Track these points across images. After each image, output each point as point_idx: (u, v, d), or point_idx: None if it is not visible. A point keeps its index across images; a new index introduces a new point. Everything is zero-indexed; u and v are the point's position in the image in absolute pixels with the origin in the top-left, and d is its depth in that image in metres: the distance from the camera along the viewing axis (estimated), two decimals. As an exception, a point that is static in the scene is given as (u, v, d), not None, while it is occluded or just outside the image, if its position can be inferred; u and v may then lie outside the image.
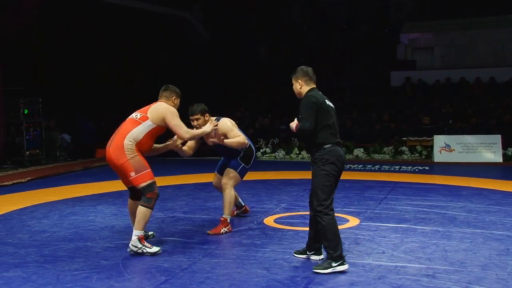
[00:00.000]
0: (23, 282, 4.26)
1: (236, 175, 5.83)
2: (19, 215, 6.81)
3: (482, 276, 4.22)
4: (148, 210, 4.87)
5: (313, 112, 4.39)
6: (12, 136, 12.00)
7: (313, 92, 4.57)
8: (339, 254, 4.33)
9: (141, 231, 4.88)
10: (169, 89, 5.33)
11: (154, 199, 4.92)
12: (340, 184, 8.86)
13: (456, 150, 12.12)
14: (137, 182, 4.89)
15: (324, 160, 4.39)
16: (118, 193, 8.36)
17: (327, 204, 4.36)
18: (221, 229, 5.69)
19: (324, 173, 4.37)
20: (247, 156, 5.90)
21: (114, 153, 4.93)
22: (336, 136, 4.51)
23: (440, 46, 18.52)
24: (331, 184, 4.41)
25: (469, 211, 6.64)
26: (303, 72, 4.63)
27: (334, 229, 4.35)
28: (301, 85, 4.61)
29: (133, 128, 4.97)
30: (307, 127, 4.36)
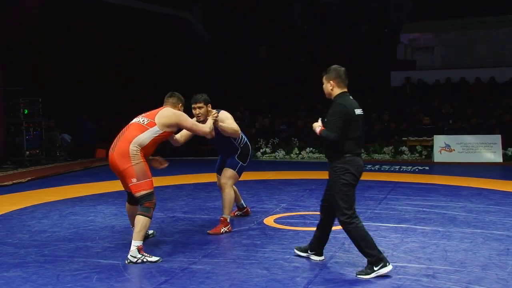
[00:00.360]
0: (23, 282, 4.26)
1: (235, 174, 5.80)
2: (19, 215, 6.81)
3: (482, 276, 4.22)
4: (147, 219, 4.77)
5: (341, 123, 4.26)
6: (12, 136, 12.00)
7: (345, 99, 4.41)
8: (377, 257, 4.21)
9: (141, 242, 4.75)
10: (176, 96, 5.31)
11: (152, 209, 4.84)
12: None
13: (456, 150, 12.12)
14: (136, 190, 4.80)
15: (344, 169, 4.29)
16: (118, 193, 8.36)
17: (350, 213, 4.27)
18: (221, 229, 5.69)
19: (344, 182, 4.28)
20: (244, 154, 5.86)
21: (118, 158, 4.85)
22: (360, 146, 4.41)
23: (440, 46, 18.52)
24: (352, 194, 4.31)
25: (469, 211, 6.64)
26: (336, 73, 4.47)
27: (362, 235, 4.25)
28: (333, 86, 4.47)
29: (140, 134, 4.90)
30: (332, 138, 4.25)
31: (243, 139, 5.90)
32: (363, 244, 4.25)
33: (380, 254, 4.24)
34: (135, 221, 4.80)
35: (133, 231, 4.79)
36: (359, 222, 4.31)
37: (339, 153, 4.32)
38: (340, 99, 4.41)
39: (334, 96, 4.48)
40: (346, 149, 4.31)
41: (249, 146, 5.95)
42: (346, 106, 4.34)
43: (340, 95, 4.45)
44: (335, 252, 4.92)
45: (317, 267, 4.51)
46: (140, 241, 4.74)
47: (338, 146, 4.30)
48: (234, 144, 5.82)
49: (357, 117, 4.37)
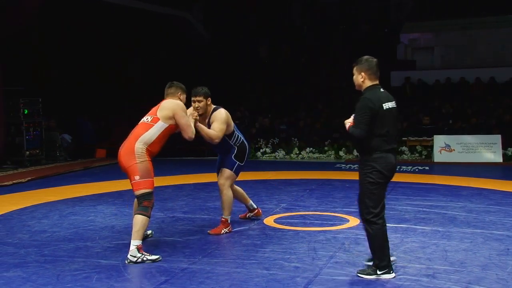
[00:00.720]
0: (23, 282, 4.26)
1: (232, 175, 5.74)
2: (19, 215, 6.81)
3: (482, 276, 4.22)
4: (146, 218, 4.78)
5: (367, 118, 4.10)
6: (12, 136, 11.99)
7: (373, 92, 4.22)
8: (385, 264, 4.18)
9: (140, 241, 4.76)
10: (173, 85, 5.31)
11: (150, 208, 4.84)
12: (340, 184, 8.97)
13: (456, 150, 12.12)
14: (137, 187, 4.82)
15: (371, 167, 4.15)
16: (118, 193, 8.37)
17: (376, 212, 4.15)
18: (222, 230, 5.68)
19: (371, 180, 4.14)
20: (241, 154, 5.77)
21: (125, 156, 4.91)
22: (390, 143, 4.20)
23: (440, 46, 18.53)
24: (379, 192, 4.18)
25: (469, 211, 6.64)
26: (368, 64, 4.29)
27: (381, 239, 4.18)
28: (364, 78, 4.27)
29: (145, 132, 4.97)
30: (357, 134, 4.13)
31: (238, 138, 5.81)
32: (378, 248, 4.18)
33: (389, 262, 4.21)
34: (134, 221, 4.80)
35: (132, 230, 4.79)
36: (384, 224, 4.20)
37: (367, 150, 4.17)
38: (368, 93, 4.22)
39: (363, 88, 4.28)
40: (374, 146, 4.15)
41: (245, 145, 5.85)
42: (373, 101, 4.14)
43: (369, 88, 4.25)
44: (335, 252, 4.92)
45: (317, 267, 4.51)
46: (139, 240, 4.74)
47: (366, 143, 4.16)
48: (229, 143, 5.74)
49: (386, 111, 4.17)
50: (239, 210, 6.84)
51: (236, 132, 5.82)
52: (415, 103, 15.55)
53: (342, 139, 13.53)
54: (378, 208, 4.17)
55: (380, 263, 4.19)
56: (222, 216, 5.76)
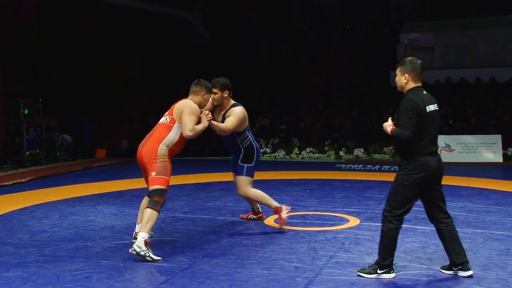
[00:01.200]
0: (23, 282, 4.26)
1: (246, 179, 5.73)
2: (19, 215, 6.81)
3: (482, 276, 4.23)
4: (155, 213, 4.86)
5: (414, 120, 4.01)
6: (12, 136, 11.99)
7: (416, 94, 4.14)
8: (387, 263, 4.18)
9: (148, 234, 4.82)
10: (199, 83, 5.29)
11: (161, 204, 4.92)
12: (340, 184, 8.97)
13: (456, 150, 12.12)
14: (153, 183, 4.92)
15: (408, 170, 4.08)
16: (118, 193, 8.37)
17: (396, 213, 4.13)
18: (283, 215, 5.70)
19: (404, 183, 4.09)
20: (247, 156, 5.77)
21: (146, 155, 4.99)
22: (431, 145, 4.11)
23: (440, 46, 18.52)
24: (408, 197, 4.11)
25: (469, 211, 6.64)
26: (412, 66, 4.19)
27: (391, 239, 4.17)
28: (408, 80, 4.19)
29: (168, 133, 5.04)
30: (405, 136, 4.01)
31: (247, 139, 5.78)
32: (386, 245, 4.18)
33: (391, 263, 4.21)
34: (144, 214, 4.91)
35: (142, 222, 4.89)
36: (399, 226, 4.18)
37: (409, 153, 4.09)
38: (411, 95, 4.14)
39: (406, 90, 4.21)
40: (414, 149, 4.05)
41: (253, 147, 5.80)
42: (417, 102, 4.06)
43: (412, 90, 4.17)
44: (335, 252, 4.92)
45: (317, 267, 4.51)
46: (147, 234, 4.81)
47: (408, 146, 4.07)
48: (237, 142, 5.73)
49: (429, 114, 4.09)
50: (239, 210, 6.85)
51: (247, 133, 5.78)
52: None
53: (342, 139, 13.53)
54: (400, 210, 4.15)
55: (382, 262, 4.19)
56: (271, 209, 5.78)
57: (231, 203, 7.38)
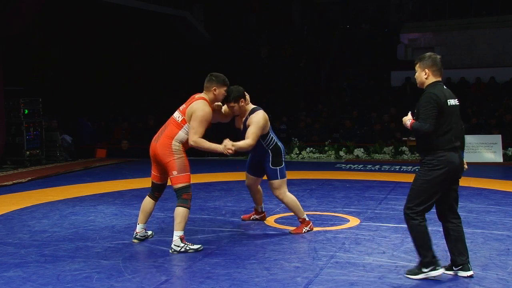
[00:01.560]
0: (23, 282, 4.26)
1: (281, 181, 5.62)
2: (19, 215, 6.81)
3: (482, 276, 4.23)
4: (187, 210, 5.01)
5: (434, 112, 3.95)
6: (12, 136, 12.00)
7: (436, 88, 4.07)
8: (428, 260, 4.09)
9: (182, 232, 4.99)
10: (209, 79, 5.26)
11: (190, 200, 5.06)
12: (340, 184, 8.96)
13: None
14: (176, 182, 5.04)
15: (431, 165, 4.02)
16: (119, 193, 8.37)
17: (417, 210, 4.08)
18: (303, 229, 5.64)
19: (426, 178, 4.04)
20: (277, 157, 5.62)
21: (162, 151, 5.07)
22: (453, 140, 4.04)
23: (440, 46, 18.52)
24: (430, 193, 4.06)
25: (469, 211, 6.63)
26: (432, 60, 4.12)
27: (421, 235, 4.09)
28: (428, 75, 4.12)
29: (178, 131, 5.10)
30: (426, 129, 3.96)
31: (272, 141, 5.66)
32: (419, 243, 4.10)
33: (433, 258, 4.11)
34: (175, 213, 5.00)
35: (174, 223, 4.99)
36: (423, 221, 4.11)
37: (430, 148, 4.03)
38: (432, 89, 4.08)
39: (426, 85, 4.15)
40: (436, 144, 4.00)
41: (279, 147, 5.69)
42: (438, 95, 4.01)
43: (432, 85, 4.12)
44: (336, 252, 4.92)
45: (318, 267, 4.51)
46: (182, 231, 4.97)
47: (429, 141, 4.02)
48: (262, 145, 5.61)
49: (450, 108, 4.04)
50: (239, 210, 6.85)
51: (271, 133, 5.68)
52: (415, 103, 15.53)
53: (342, 139, 13.53)
54: (422, 207, 4.09)
55: (423, 260, 4.10)
56: (298, 218, 5.71)
57: (231, 203, 7.38)
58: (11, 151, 12.00)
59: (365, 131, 13.94)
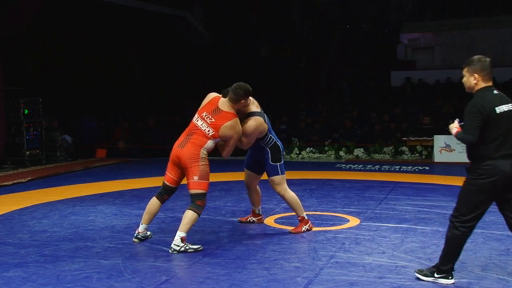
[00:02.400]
0: (23, 282, 4.26)
1: (282, 177, 5.65)
2: (19, 215, 6.81)
3: (482, 276, 4.23)
4: (197, 216, 5.09)
5: (477, 123, 3.80)
6: (12, 136, 12.00)
7: (484, 95, 3.91)
8: (446, 269, 4.02)
9: (185, 233, 5.03)
10: (236, 92, 5.29)
11: (202, 208, 5.16)
12: (340, 184, 8.96)
13: (457, 150, 12.09)
14: (194, 187, 5.13)
15: (476, 174, 3.88)
16: (119, 193, 8.37)
17: (464, 219, 3.94)
18: (302, 228, 5.65)
19: (470, 187, 3.91)
20: (275, 155, 5.65)
21: (189, 157, 5.14)
22: (503, 148, 3.85)
23: (440, 46, 18.54)
24: (475, 202, 3.89)
25: (469, 211, 6.63)
26: (481, 65, 3.96)
27: (455, 246, 3.98)
28: (477, 80, 3.95)
29: (207, 141, 5.18)
30: (468, 140, 3.86)
31: (270, 140, 5.67)
32: (448, 251, 4.01)
33: (451, 269, 4.04)
34: (184, 215, 5.08)
35: (181, 223, 5.06)
36: (466, 232, 3.98)
37: (477, 157, 3.90)
38: (478, 96, 3.91)
39: (475, 90, 3.97)
40: (484, 154, 3.86)
41: (279, 146, 5.71)
42: (483, 104, 3.83)
43: (481, 90, 3.93)
44: (335, 252, 4.92)
45: (317, 267, 4.51)
46: (185, 233, 5.02)
47: (476, 150, 3.90)
48: (260, 144, 5.65)
49: (498, 116, 3.85)
50: (239, 210, 6.85)
51: (270, 134, 5.69)
52: (415, 103, 15.56)
53: (342, 139, 13.53)
54: (467, 216, 3.94)
55: (441, 266, 4.05)
56: (297, 217, 5.72)
57: (230, 203, 7.38)
58: (11, 151, 12.00)
59: (365, 131, 13.94)
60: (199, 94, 16.67)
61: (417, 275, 4.15)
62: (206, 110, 5.26)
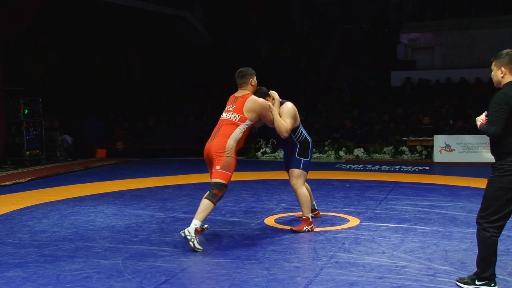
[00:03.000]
0: (23, 282, 4.26)
1: (302, 172, 5.71)
2: (19, 215, 6.81)
3: (482, 276, 4.22)
4: (211, 204, 5.13)
5: (502, 115, 3.73)
6: (12, 136, 12.00)
7: (510, 88, 3.84)
8: (486, 276, 3.91)
9: (200, 222, 5.08)
10: (241, 75, 5.57)
11: (218, 197, 5.20)
12: (340, 184, 8.96)
13: (456, 150, 12.11)
14: (215, 176, 5.20)
15: (503, 171, 3.77)
16: (119, 193, 8.37)
17: (490, 219, 3.84)
18: (304, 227, 5.67)
19: (498, 185, 3.79)
20: (304, 149, 5.73)
21: (215, 149, 5.25)
22: None
23: (440, 46, 18.53)
24: (504, 200, 3.79)
25: (469, 211, 6.63)
26: (509, 58, 3.87)
27: (488, 247, 3.88)
28: (504, 74, 3.88)
29: (235, 129, 5.31)
30: (491, 132, 3.77)
31: (302, 134, 5.76)
32: (483, 256, 3.93)
33: (492, 274, 3.93)
34: (200, 203, 5.18)
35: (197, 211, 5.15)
36: (496, 234, 3.88)
37: (502, 152, 3.81)
38: (506, 88, 3.85)
39: (503, 84, 3.91)
40: (508, 148, 3.77)
41: (308, 141, 5.79)
42: (508, 95, 3.78)
43: (509, 84, 3.86)
44: (335, 252, 4.92)
45: (317, 267, 4.51)
46: (200, 222, 5.08)
47: (501, 144, 3.80)
48: (292, 138, 5.71)
49: None
50: (239, 210, 6.84)
51: (301, 128, 5.80)
52: (415, 103, 15.56)
53: (342, 139, 13.53)
54: (495, 216, 3.84)
55: (481, 274, 3.94)
56: (302, 214, 5.75)
57: (231, 203, 7.38)
58: (11, 151, 12.00)
59: (365, 131, 13.94)
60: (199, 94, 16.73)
61: (458, 284, 4.03)
62: (228, 104, 5.51)
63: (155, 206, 7.27)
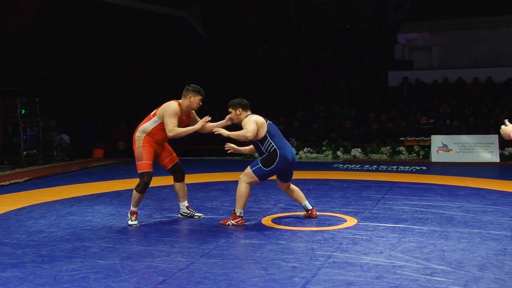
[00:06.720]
0: (20, 283, 4.25)
1: (251, 173, 5.80)
2: (16, 215, 6.80)
3: (479, 276, 4.23)
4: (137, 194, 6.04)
5: None
6: (10, 136, 11.98)
7: None
8: None
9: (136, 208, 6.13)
10: (186, 89, 6.01)
11: (141, 185, 6.06)
12: (338, 184, 8.96)
13: (454, 150, 12.13)
14: (137, 168, 6.01)
15: None
16: (116, 193, 8.36)
17: None
18: (228, 221, 5.85)
19: None
20: (268, 160, 5.79)
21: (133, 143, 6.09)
22: None
23: (438, 46, 18.56)
24: None
25: (467, 211, 6.65)
26: None
27: None
28: None
29: (145, 123, 6.00)
30: None
31: (270, 146, 5.80)
32: None
33: None
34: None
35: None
36: None
37: None
38: None
39: None
40: None
41: (277, 154, 5.77)
42: None
43: None
44: (333, 252, 4.92)
45: (315, 267, 4.52)
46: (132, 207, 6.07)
47: None
48: (261, 148, 5.87)
49: None
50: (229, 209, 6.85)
51: (270, 140, 5.82)
52: (412, 103, 15.58)
53: (339, 139, 13.55)
54: None
55: None
56: (233, 209, 5.93)
57: (228, 203, 7.38)
58: (8, 151, 11.99)
59: (363, 131, 13.95)
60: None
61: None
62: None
63: (152, 206, 7.26)
